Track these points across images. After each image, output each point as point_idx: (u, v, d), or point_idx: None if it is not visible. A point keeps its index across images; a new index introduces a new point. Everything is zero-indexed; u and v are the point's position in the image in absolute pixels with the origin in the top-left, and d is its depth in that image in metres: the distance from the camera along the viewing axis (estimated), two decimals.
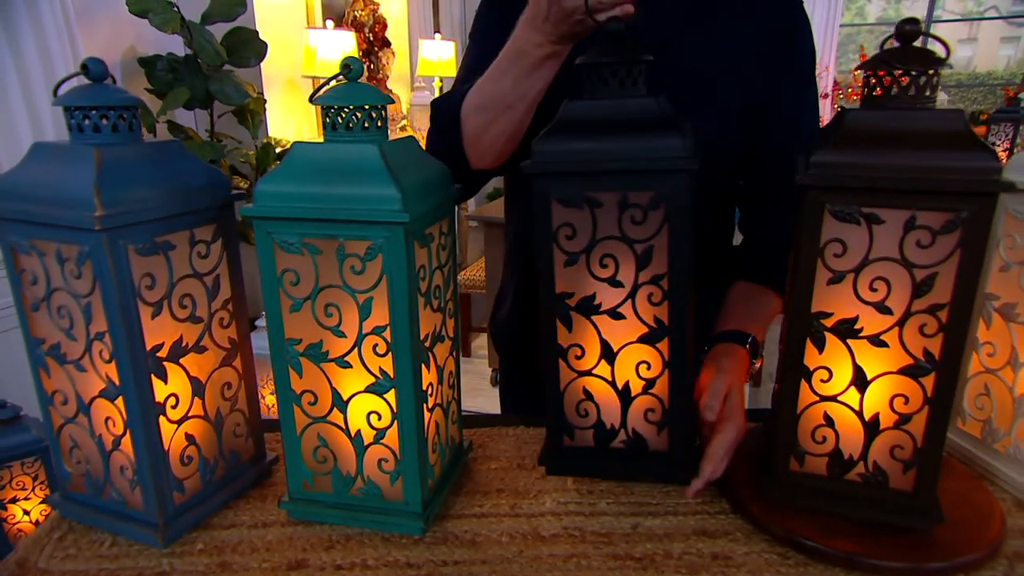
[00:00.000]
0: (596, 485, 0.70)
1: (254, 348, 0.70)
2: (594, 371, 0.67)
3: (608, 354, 0.66)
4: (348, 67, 0.58)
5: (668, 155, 0.59)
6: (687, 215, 0.60)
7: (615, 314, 0.64)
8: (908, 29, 0.54)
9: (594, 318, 0.65)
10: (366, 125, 0.58)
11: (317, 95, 0.58)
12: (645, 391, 0.66)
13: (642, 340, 0.64)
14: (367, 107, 0.57)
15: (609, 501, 0.68)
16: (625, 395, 0.67)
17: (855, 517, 0.61)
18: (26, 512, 1.56)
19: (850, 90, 5.49)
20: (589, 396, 0.68)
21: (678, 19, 0.85)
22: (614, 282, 0.63)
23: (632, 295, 0.63)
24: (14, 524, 1.56)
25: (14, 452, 1.49)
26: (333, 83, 0.59)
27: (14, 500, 1.55)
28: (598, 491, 0.69)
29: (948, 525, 0.60)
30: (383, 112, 0.59)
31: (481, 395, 2.91)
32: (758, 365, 0.82)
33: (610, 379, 0.66)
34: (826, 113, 5.43)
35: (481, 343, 3.43)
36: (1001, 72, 7.12)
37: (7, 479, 1.52)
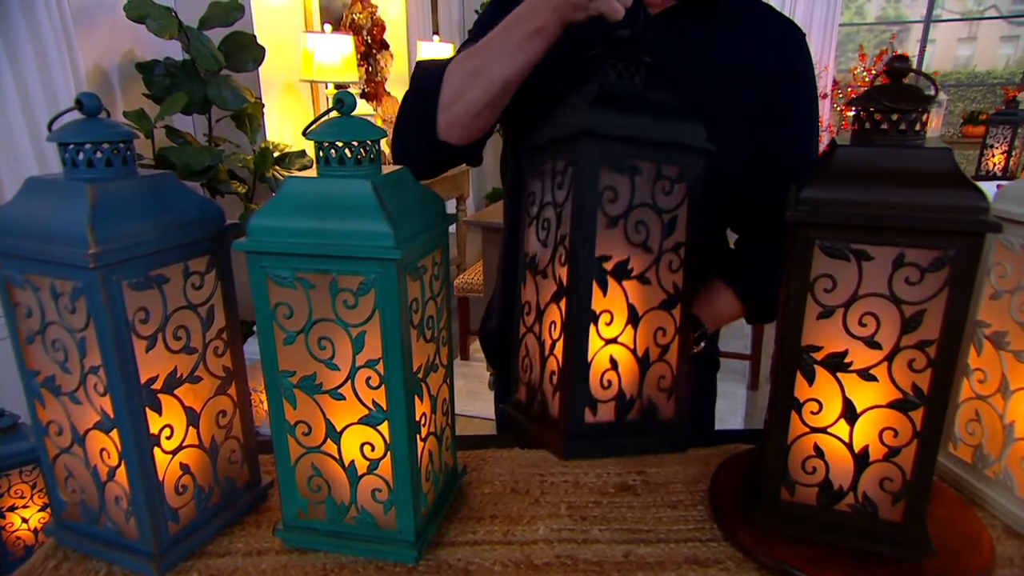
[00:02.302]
0: (589, 511, 0.71)
1: (250, 354, 0.71)
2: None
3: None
4: (341, 101, 0.58)
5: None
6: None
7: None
8: (898, 67, 0.55)
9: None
10: (359, 160, 0.58)
11: (310, 130, 0.58)
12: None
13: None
14: (359, 142, 0.57)
15: (602, 528, 0.68)
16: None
17: (845, 547, 0.62)
18: (24, 520, 1.56)
19: (849, 89, 5.48)
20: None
21: (684, 42, 0.87)
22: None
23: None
24: (12, 532, 1.57)
25: (12, 460, 1.49)
26: (326, 117, 0.59)
27: (12, 508, 1.55)
28: (591, 517, 0.70)
29: (938, 554, 0.60)
30: (376, 146, 0.59)
31: (479, 399, 2.91)
32: (696, 350, 0.92)
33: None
34: (825, 113, 5.43)
35: (480, 346, 3.44)
36: (1001, 71, 7.12)
37: (5, 487, 1.52)
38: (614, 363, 0.67)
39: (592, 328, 0.65)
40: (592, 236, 0.64)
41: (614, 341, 0.66)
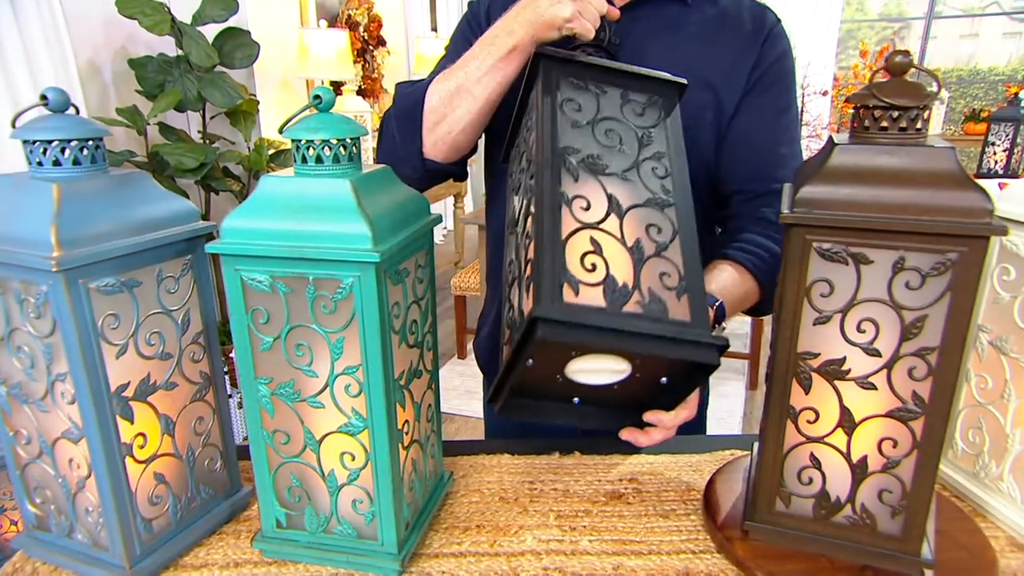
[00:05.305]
0: (579, 521, 0.68)
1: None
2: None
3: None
4: (319, 98, 0.56)
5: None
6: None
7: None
8: (898, 62, 0.52)
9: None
10: (337, 158, 0.56)
11: (286, 127, 0.56)
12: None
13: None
14: (338, 140, 0.55)
15: (592, 538, 0.66)
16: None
17: (842, 560, 0.60)
18: (13, 523, 1.54)
19: (850, 86, 5.44)
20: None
21: (649, 32, 0.84)
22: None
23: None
24: (2, 534, 1.55)
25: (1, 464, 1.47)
26: (303, 114, 0.57)
27: (2, 511, 1.53)
28: (581, 527, 0.67)
29: (939, 568, 0.58)
30: (356, 144, 0.57)
31: (475, 398, 2.89)
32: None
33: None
34: (826, 111, 5.39)
35: None
36: (1003, 68, 7.07)
37: None
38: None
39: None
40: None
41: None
